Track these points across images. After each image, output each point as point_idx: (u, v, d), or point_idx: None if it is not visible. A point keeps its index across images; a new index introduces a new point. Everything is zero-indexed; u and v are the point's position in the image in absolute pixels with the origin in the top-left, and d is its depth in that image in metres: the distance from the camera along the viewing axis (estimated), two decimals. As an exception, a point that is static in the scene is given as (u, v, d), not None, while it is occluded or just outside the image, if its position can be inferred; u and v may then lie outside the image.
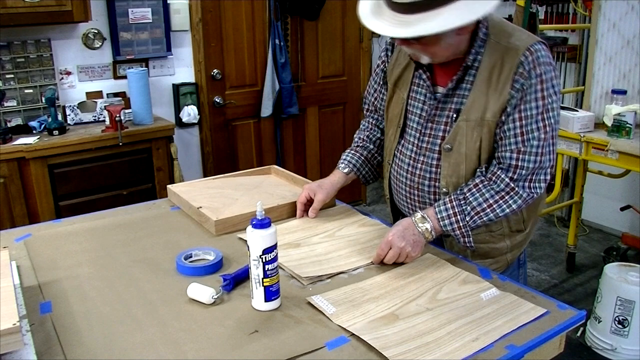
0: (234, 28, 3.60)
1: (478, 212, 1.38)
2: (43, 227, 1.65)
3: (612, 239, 3.80)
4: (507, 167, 1.37)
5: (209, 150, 3.69)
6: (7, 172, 2.63)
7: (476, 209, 1.38)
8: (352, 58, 4.18)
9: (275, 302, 1.18)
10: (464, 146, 1.41)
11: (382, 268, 1.36)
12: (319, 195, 1.63)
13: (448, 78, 1.42)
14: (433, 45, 1.30)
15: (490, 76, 1.36)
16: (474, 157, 1.41)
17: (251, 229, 1.15)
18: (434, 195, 1.49)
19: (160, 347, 1.05)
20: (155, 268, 1.37)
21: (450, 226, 1.38)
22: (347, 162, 1.70)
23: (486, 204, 1.37)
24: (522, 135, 1.34)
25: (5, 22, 2.64)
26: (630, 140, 2.60)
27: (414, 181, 1.51)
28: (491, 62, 1.35)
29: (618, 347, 2.52)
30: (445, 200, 1.40)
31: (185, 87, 3.49)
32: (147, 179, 3.04)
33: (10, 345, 0.98)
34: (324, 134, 4.18)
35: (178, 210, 1.75)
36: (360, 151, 1.71)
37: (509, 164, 1.37)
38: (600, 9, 2.87)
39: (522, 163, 1.36)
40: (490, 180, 1.39)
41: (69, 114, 3.03)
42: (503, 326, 1.10)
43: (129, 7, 3.16)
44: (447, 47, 1.32)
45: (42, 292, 1.26)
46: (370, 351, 1.03)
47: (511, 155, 1.36)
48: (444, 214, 1.38)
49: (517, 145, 1.35)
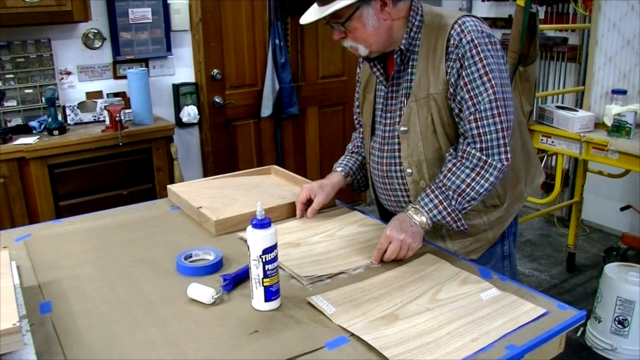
0: (234, 28, 3.60)
1: (460, 194, 1.40)
2: (43, 227, 1.66)
3: (612, 239, 3.80)
4: (472, 138, 1.40)
5: (209, 150, 3.69)
6: (7, 172, 2.63)
7: (457, 191, 1.40)
8: (352, 58, 4.16)
9: (275, 302, 1.18)
10: (417, 125, 1.46)
11: (382, 268, 1.36)
12: (319, 197, 1.63)
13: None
14: (359, 31, 1.40)
15: (427, 55, 1.44)
16: (428, 133, 1.46)
17: (251, 229, 1.14)
18: (401, 179, 1.54)
19: (160, 347, 1.05)
20: (155, 268, 1.37)
21: (439, 215, 1.40)
22: (343, 165, 1.73)
23: (464, 184, 1.39)
24: (472, 100, 1.38)
25: (5, 22, 2.64)
26: (630, 140, 2.60)
27: (383, 170, 1.57)
28: (428, 43, 1.44)
29: (618, 347, 2.52)
30: (427, 192, 1.42)
31: (185, 87, 3.49)
32: (147, 179, 3.04)
33: (10, 345, 0.98)
34: (324, 134, 4.18)
35: (178, 210, 1.75)
36: (355, 157, 1.75)
37: (472, 135, 1.40)
38: (600, 9, 2.87)
39: (483, 129, 1.39)
40: (462, 158, 1.41)
41: (69, 114, 3.03)
42: (503, 326, 1.10)
43: (129, 7, 3.16)
44: (376, 33, 1.41)
45: (42, 292, 1.26)
46: (370, 351, 1.03)
47: (470, 125, 1.40)
48: (430, 205, 1.40)
49: (472, 113, 1.39)
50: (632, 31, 2.77)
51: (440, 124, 1.45)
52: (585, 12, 3.60)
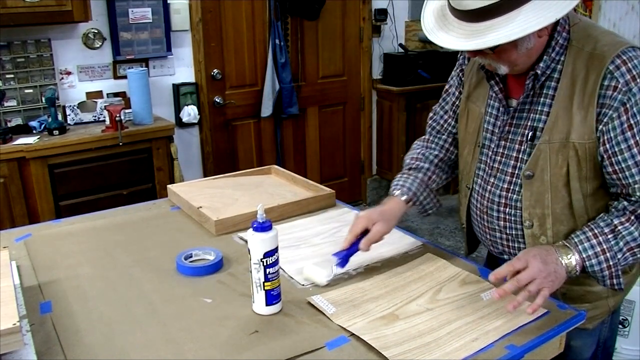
0: (234, 28, 3.59)
1: (631, 249, 1.16)
2: (43, 227, 1.65)
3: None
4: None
5: (209, 150, 3.69)
6: (7, 172, 2.63)
7: (629, 244, 1.15)
8: (352, 58, 4.17)
9: (276, 306, 1.17)
10: (547, 173, 1.21)
11: (382, 268, 1.35)
12: (379, 226, 1.30)
13: (523, 89, 1.24)
14: (509, 52, 1.13)
15: (573, 89, 1.16)
16: (559, 185, 1.21)
17: (252, 232, 1.13)
18: (504, 222, 1.31)
19: (160, 347, 1.05)
20: (155, 268, 1.37)
21: (597, 265, 1.15)
22: (406, 188, 1.40)
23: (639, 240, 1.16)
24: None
25: (5, 22, 2.64)
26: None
27: (483, 205, 1.34)
28: (574, 72, 1.16)
29: (618, 347, 2.52)
30: (588, 236, 1.17)
31: (185, 87, 3.49)
32: (147, 179, 3.04)
33: (10, 345, 0.98)
34: (324, 134, 4.18)
35: (178, 210, 1.75)
36: (414, 174, 1.44)
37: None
38: (600, 9, 2.87)
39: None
40: (636, 217, 1.17)
41: (69, 114, 3.03)
42: (503, 326, 1.10)
43: (129, 7, 3.16)
44: (528, 53, 1.15)
45: (42, 292, 1.26)
46: (370, 351, 1.03)
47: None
48: (590, 252, 1.15)
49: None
50: (632, 31, 2.78)
51: (577, 178, 1.19)
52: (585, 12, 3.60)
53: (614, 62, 1.12)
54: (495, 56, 1.15)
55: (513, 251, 1.34)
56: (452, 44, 1.10)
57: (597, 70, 1.13)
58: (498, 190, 1.31)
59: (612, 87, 1.12)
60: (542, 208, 1.24)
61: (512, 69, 1.18)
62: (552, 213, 1.24)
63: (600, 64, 1.13)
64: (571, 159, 1.19)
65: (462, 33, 1.09)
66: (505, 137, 1.29)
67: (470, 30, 1.07)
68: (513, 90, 1.28)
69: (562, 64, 1.18)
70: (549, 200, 1.23)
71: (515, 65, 1.17)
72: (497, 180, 1.31)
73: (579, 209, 1.23)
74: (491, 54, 1.15)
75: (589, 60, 1.15)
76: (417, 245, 1.47)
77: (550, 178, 1.22)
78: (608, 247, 1.15)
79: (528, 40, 1.12)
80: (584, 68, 1.15)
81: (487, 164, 1.34)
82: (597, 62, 1.13)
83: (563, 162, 1.20)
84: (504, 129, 1.29)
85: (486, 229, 1.37)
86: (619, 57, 1.12)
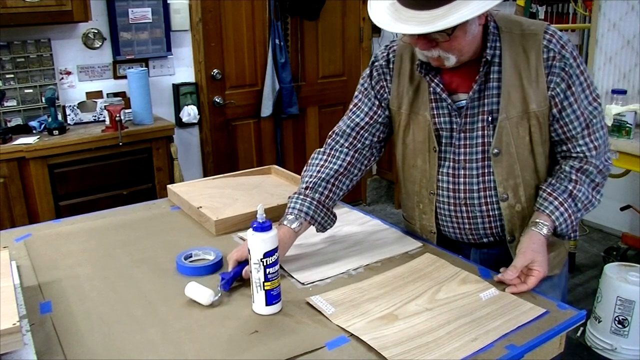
0: (234, 28, 3.60)
1: (585, 205, 1.36)
2: (43, 227, 1.66)
3: (612, 239, 3.80)
4: (589, 152, 1.35)
5: (209, 150, 3.69)
6: (7, 172, 2.63)
7: (584, 202, 1.35)
8: (352, 58, 4.17)
9: (276, 306, 1.17)
10: (512, 145, 1.34)
11: (381, 268, 1.36)
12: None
13: (468, 82, 1.33)
14: (459, 39, 1.21)
15: (517, 67, 1.30)
16: (525, 153, 1.36)
17: (252, 232, 1.14)
18: (486, 205, 1.39)
19: (160, 347, 1.05)
20: (155, 268, 1.37)
21: (566, 228, 1.34)
22: (298, 212, 1.37)
23: (591, 196, 1.36)
24: (583, 116, 1.32)
25: (5, 22, 2.64)
26: (630, 140, 2.60)
27: (459, 198, 1.40)
28: (513, 53, 1.30)
29: (618, 347, 2.52)
30: (555, 204, 1.33)
31: (185, 87, 3.49)
32: (147, 179, 3.04)
33: (10, 345, 0.98)
34: (324, 134, 4.16)
35: (178, 210, 1.75)
36: (311, 195, 1.41)
37: (588, 148, 1.35)
38: (600, 9, 2.87)
39: (597, 141, 1.35)
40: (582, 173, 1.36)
41: (69, 114, 3.03)
42: (502, 326, 1.10)
43: (129, 7, 3.16)
44: (473, 40, 1.25)
45: (42, 292, 1.26)
46: (370, 351, 1.03)
47: (584, 140, 1.34)
48: (561, 219, 1.32)
49: (584, 128, 1.33)
50: (632, 31, 2.78)
51: (540, 142, 1.35)
52: (585, 12, 3.60)
53: (545, 37, 1.29)
54: (447, 45, 1.22)
55: (496, 231, 1.42)
56: (416, 30, 1.15)
57: (536, 46, 1.29)
58: (474, 178, 1.38)
59: (552, 57, 1.29)
60: (514, 178, 1.37)
61: (459, 58, 1.26)
62: (522, 181, 1.37)
63: (536, 41, 1.29)
64: (533, 127, 1.33)
65: (421, 20, 1.14)
66: (464, 128, 1.36)
67: (429, 16, 1.13)
68: (455, 86, 1.36)
69: (500, 49, 1.30)
70: (519, 169, 1.36)
71: (462, 54, 1.26)
72: (468, 170, 1.38)
73: (542, 170, 1.39)
74: (443, 43, 1.22)
75: (522, 40, 1.30)
76: (416, 246, 1.47)
77: (516, 149, 1.34)
78: (572, 211, 1.33)
79: (474, 26, 1.22)
80: (520, 47, 1.30)
81: (452, 160, 1.40)
82: (532, 40, 1.29)
83: (524, 132, 1.33)
84: (461, 122, 1.36)
85: (464, 221, 1.43)
86: (546, 32, 1.30)
